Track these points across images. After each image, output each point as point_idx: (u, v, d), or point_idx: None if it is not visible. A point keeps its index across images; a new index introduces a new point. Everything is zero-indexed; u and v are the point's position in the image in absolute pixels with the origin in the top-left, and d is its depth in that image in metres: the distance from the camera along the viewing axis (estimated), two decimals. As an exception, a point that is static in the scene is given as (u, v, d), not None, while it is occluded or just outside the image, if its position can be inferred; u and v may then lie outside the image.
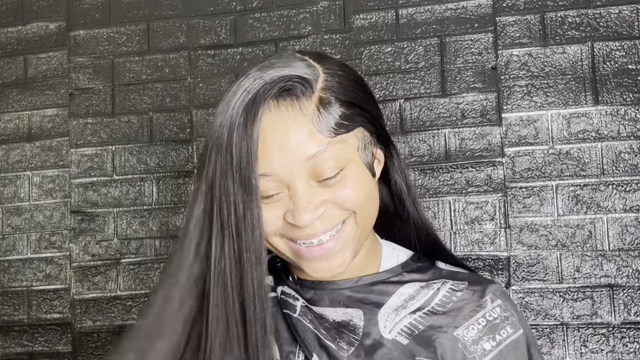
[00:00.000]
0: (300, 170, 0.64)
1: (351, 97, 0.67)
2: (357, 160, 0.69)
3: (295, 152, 0.64)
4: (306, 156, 0.64)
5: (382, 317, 0.72)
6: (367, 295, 0.74)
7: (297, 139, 0.63)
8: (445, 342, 0.69)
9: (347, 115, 0.66)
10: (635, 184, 1.52)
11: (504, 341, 0.70)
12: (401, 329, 0.71)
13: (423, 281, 0.75)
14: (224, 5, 1.74)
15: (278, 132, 0.64)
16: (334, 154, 0.65)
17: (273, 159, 0.64)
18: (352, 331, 0.71)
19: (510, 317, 0.72)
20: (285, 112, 0.64)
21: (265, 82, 0.65)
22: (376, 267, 0.77)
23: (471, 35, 1.61)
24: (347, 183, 0.67)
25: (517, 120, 1.58)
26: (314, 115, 0.64)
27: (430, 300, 0.73)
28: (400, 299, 0.73)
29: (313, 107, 0.65)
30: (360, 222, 0.69)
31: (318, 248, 0.67)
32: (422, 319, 0.71)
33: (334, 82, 0.67)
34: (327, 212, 0.67)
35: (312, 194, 0.65)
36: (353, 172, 0.67)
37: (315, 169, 0.64)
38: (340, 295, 0.74)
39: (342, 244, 0.68)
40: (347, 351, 0.70)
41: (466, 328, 0.70)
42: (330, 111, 0.65)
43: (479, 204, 1.57)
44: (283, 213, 0.66)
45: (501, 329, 0.71)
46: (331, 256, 0.68)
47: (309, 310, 0.74)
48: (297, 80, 0.65)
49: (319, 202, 0.66)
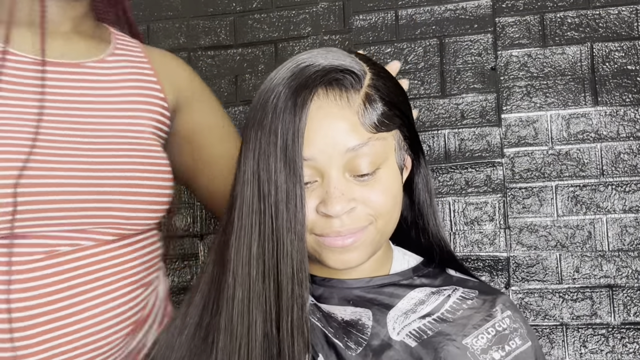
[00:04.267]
0: (338, 160, 0.66)
1: (393, 98, 0.69)
2: (393, 162, 0.70)
3: (337, 140, 0.65)
4: (347, 147, 0.65)
5: (391, 318, 0.72)
6: (377, 296, 0.74)
7: (341, 128, 0.65)
8: (454, 350, 0.69)
9: (389, 115, 0.68)
10: (634, 184, 1.52)
11: (513, 352, 0.70)
12: (409, 332, 0.71)
13: (434, 287, 0.75)
14: (223, 6, 1.74)
15: (324, 119, 0.65)
16: (373, 150, 0.66)
17: (315, 144, 0.65)
18: (361, 331, 0.71)
19: (519, 329, 0.72)
20: (333, 101, 0.66)
21: (317, 69, 0.66)
22: (387, 270, 0.78)
23: (471, 36, 1.62)
24: (380, 186, 0.68)
25: (516, 121, 1.58)
26: (359, 109, 0.66)
27: (440, 306, 0.73)
28: (410, 303, 0.73)
29: (359, 101, 0.66)
30: (382, 229, 0.70)
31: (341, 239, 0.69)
32: (431, 324, 0.72)
33: (380, 82, 0.69)
34: (355, 210, 0.67)
35: (345, 186, 0.66)
36: (387, 175, 0.69)
37: (353, 162, 0.66)
38: (350, 294, 0.74)
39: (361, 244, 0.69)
40: (355, 350, 0.70)
41: (475, 337, 0.70)
42: (375, 108, 0.67)
43: (478, 205, 1.58)
44: (316, 204, 0.67)
45: (510, 340, 0.71)
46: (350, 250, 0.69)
47: (318, 308, 0.74)
48: (348, 73, 0.66)
49: (351, 197, 0.67)
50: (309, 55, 0.69)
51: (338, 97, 0.66)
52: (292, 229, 0.65)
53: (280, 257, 0.65)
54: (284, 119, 0.64)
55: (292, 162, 0.64)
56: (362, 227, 0.68)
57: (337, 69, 0.66)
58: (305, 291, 0.66)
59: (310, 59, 0.68)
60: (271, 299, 0.66)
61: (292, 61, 0.70)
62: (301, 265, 0.66)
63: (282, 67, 0.69)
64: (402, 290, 0.75)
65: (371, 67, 0.70)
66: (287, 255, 0.65)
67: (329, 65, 0.66)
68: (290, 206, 0.64)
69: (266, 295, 0.66)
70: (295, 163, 0.64)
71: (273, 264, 0.66)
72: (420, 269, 0.78)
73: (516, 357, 0.70)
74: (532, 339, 0.72)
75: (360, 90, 0.67)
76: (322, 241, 0.69)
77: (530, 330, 0.74)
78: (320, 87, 0.66)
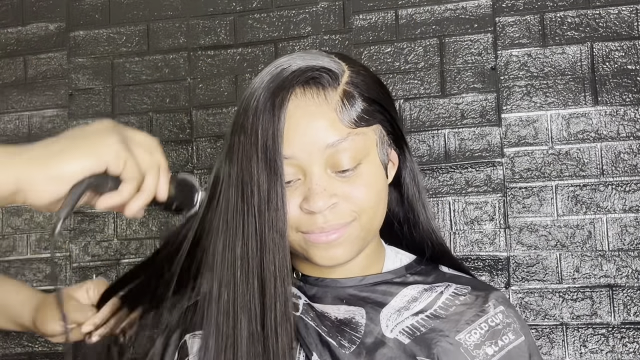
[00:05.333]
0: (319, 156, 0.67)
1: (373, 94, 0.71)
2: (375, 156, 0.71)
3: (316, 137, 0.66)
4: (326, 143, 0.66)
5: (384, 316, 0.72)
6: (370, 294, 0.74)
7: (319, 125, 0.66)
8: (447, 346, 0.70)
9: (369, 111, 0.69)
10: (634, 184, 1.52)
11: (506, 347, 0.71)
12: (402, 329, 0.71)
13: (426, 284, 0.76)
14: (223, 5, 1.74)
15: (302, 117, 0.66)
16: (353, 145, 0.67)
17: (294, 142, 0.66)
18: (354, 329, 0.71)
19: (512, 324, 0.72)
20: (310, 99, 0.67)
21: (293, 70, 0.68)
22: (379, 268, 0.78)
23: (471, 36, 1.62)
24: (362, 181, 0.69)
25: (516, 121, 1.58)
26: (337, 106, 0.67)
27: (433, 303, 0.73)
28: (403, 300, 0.74)
29: (337, 98, 0.68)
30: (366, 225, 0.71)
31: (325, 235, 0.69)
32: (424, 321, 0.72)
33: (358, 79, 0.70)
34: (338, 206, 0.68)
35: (327, 182, 0.67)
36: (369, 169, 0.70)
37: (334, 157, 0.67)
38: (343, 293, 0.75)
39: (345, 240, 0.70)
40: (348, 349, 0.70)
41: (468, 332, 0.71)
42: (353, 104, 0.68)
43: (478, 204, 1.58)
44: (299, 202, 0.68)
45: (503, 335, 0.71)
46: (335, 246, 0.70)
47: (311, 308, 0.74)
48: (324, 71, 0.68)
49: (332, 193, 0.68)
50: (288, 58, 0.72)
51: (315, 95, 0.67)
52: (273, 227, 0.66)
53: (264, 256, 0.67)
54: (264, 119, 0.65)
55: (272, 161, 0.65)
56: (345, 223, 0.69)
57: (313, 68, 0.68)
58: (288, 287, 0.67)
59: (288, 61, 0.70)
60: (255, 297, 0.67)
61: (272, 65, 0.72)
62: (283, 262, 0.67)
63: (263, 71, 0.72)
64: (395, 288, 0.75)
65: (350, 65, 0.72)
66: (270, 253, 0.67)
67: (305, 66, 0.68)
68: (272, 205, 0.66)
69: (250, 294, 0.67)
70: (276, 162, 0.65)
71: (257, 263, 0.67)
72: (413, 267, 0.78)
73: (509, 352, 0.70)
74: (525, 334, 0.72)
75: (338, 88, 0.68)
76: (307, 238, 0.69)
77: (524, 325, 0.74)
78: (297, 87, 0.67)
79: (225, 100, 1.72)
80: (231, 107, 1.72)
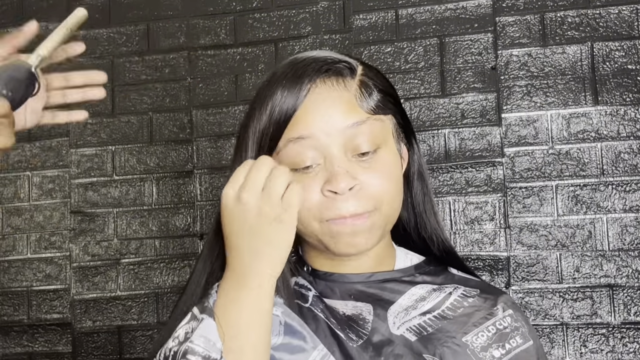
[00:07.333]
0: (338, 137, 0.69)
1: (386, 87, 0.74)
2: (392, 145, 0.73)
3: (336, 118, 0.69)
4: (346, 124, 0.69)
5: (392, 314, 0.73)
6: (379, 291, 0.75)
7: (340, 108, 0.69)
8: (453, 347, 0.70)
9: (384, 101, 0.73)
10: (634, 184, 1.52)
11: (514, 350, 0.71)
12: (410, 327, 0.71)
13: (435, 284, 0.76)
14: (223, 5, 1.74)
15: (323, 101, 0.69)
16: (372, 129, 0.70)
17: (314, 122, 0.69)
18: (362, 325, 0.72)
19: (520, 328, 0.72)
20: (330, 86, 0.70)
21: (314, 62, 0.71)
22: (388, 267, 0.78)
23: (471, 36, 1.61)
24: (381, 167, 0.71)
25: (516, 121, 1.58)
26: (357, 93, 0.71)
27: (441, 303, 0.74)
28: (411, 299, 0.74)
29: (355, 86, 0.71)
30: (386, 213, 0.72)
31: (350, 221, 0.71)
32: (431, 321, 0.72)
33: (372, 73, 0.74)
34: (360, 191, 0.70)
35: (349, 165, 0.69)
36: (388, 156, 0.72)
37: (353, 141, 0.69)
38: (352, 288, 0.75)
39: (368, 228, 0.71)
40: (356, 342, 0.70)
41: (475, 335, 0.71)
42: (371, 93, 0.72)
43: (478, 204, 1.58)
44: (321, 186, 0.69)
45: (511, 339, 0.71)
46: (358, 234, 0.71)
47: (321, 300, 0.75)
48: (343, 63, 0.72)
49: (354, 176, 0.69)
50: (304, 53, 0.75)
51: (335, 83, 0.70)
52: None
53: None
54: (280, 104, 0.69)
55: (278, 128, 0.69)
56: (367, 211, 0.70)
57: (333, 60, 0.73)
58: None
59: (309, 55, 0.74)
60: None
61: (292, 58, 0.75)
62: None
63: (282, 64, 0.75)
64: (403, 286, 0.75)
65: (362, 63, 0.76)
66: None
67: (324, 57, 0.73)
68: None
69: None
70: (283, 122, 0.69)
71: None
72: (422, 267, 0.78)
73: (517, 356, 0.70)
74: (534, 339, 0.72)
75: (355, 78, 0.72)
76: (331, 227, 0.70)
77: (532, 329, 0.74)
78: (318, 78, 0.71)
79: (226, 100, 1.72)
80: (231, 107, 1.72)
